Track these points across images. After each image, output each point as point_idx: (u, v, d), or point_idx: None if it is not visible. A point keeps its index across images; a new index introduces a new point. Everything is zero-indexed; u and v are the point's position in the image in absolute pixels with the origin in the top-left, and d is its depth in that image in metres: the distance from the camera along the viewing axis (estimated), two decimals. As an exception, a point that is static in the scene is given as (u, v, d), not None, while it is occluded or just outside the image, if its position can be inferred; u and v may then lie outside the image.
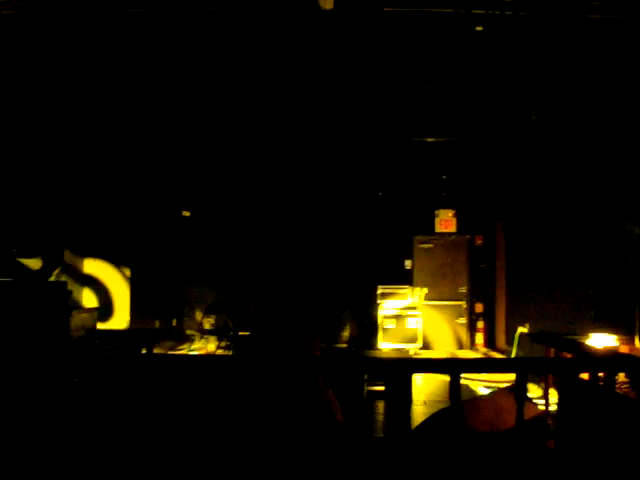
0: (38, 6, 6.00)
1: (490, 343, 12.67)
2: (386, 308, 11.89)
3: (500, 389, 5.40)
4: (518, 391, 4.42)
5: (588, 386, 4.97)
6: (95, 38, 7.10)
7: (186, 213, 12.39)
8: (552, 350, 6.57)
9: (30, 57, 7.64)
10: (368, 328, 12.03)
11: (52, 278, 6.05)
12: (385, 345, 11.73)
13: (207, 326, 11.61)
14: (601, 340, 6.78)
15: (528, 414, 4.52)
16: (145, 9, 5.89)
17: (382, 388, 6.84)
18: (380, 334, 11.79)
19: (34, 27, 6.85)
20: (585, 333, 7.01)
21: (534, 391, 7.83)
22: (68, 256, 9.44)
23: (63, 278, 6.17)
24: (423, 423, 4.97)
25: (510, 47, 7.38)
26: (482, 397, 5.90)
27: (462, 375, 4.33)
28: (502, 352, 11.97)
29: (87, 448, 4.64)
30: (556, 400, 5.58)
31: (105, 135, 9.66)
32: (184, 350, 10.72)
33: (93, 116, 9.05)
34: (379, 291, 12.08)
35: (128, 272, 11.14)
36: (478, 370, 4.98)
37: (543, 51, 7.43)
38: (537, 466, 4.44)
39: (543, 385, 7.04)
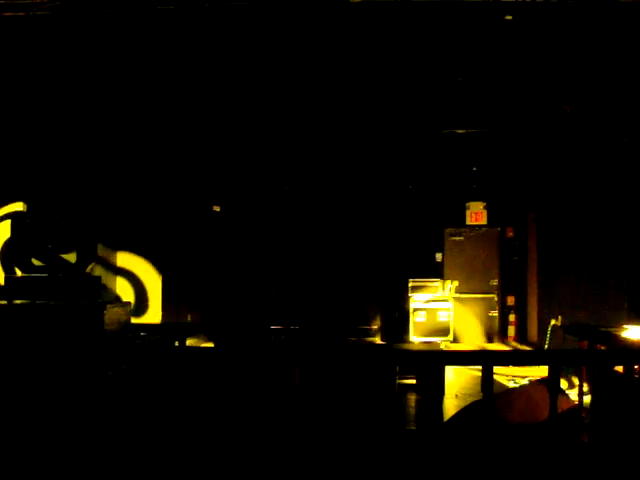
0: (70, 7, 6.09)
1: (522, 336, 12.55)
2: (417, 301, 11.86)
3: (532, 382, 5.36)
4: (552, 383, 4.38)
5: (623, 379, 4.91)
6: (120, 35, 7.19)
7: (217, 208, 12.47)
8: (586, 342, 6.48)
9: (60, 55, 7.76)
10: (399, 321, 12.01)
11: (87, 272, 6.12)
12: (416, 338, 11.70)
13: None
14: (636, 332, 6.68)
15: (562, 407, 4.48)
16: (175, 5, 5.93)
17: (413, 381, 6.83)
18: (411, 327, 11.76)
19: (64, 27, 6.96)
20: (619, 325, 6.90)
21: (566, 384, 7.75)
22: (101, 251, 9.60)
23: (97, 272, 6.24)
24: (456, 415, 4.96)
25: (541, 35, 7.28)
26: (514, 390, 5.86)
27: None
28: (534, 345, 11.85)
29: (121, 438, 4.72)
30: (590, 393, 5.53)
31: (139, 130, 9.77)
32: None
33: (126, 111, 9.16)
34: (410, 284, 12.05)
35: (160, 267, 11.26)
36: (511, 362, 4.95)
37: (575, 39, 7.32)
38: (571, 459, 4.40)
39: (576, 378, 6.96)
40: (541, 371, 6.12)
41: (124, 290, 11.01)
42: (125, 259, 11.03)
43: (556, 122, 9.68)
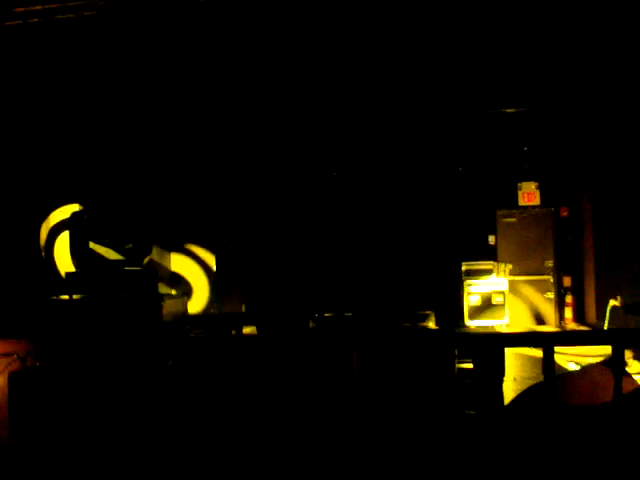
0: (117, 6, 6.19)
1: (579, 318, 12.30)
2: (471, 284, 11.73)
3: (594, 364, 5.25)
4: (615, 363, 4.28)
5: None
6: (166, 31, 7.26)
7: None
8: (649, 322, 6.32)
9: (111, 54, 7.90)
10: (453, 305, 11.90)
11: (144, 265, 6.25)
12: (471, 322, 11.59)
13: (291, 309, 11.75)
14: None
15: (626, 388, 4.38)
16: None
17: (469, 365, 6.77)
18: (465, 311, 11.65)
19: (111, 26, 7.08)
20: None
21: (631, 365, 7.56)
22: (157, 243, 9.79)
23: (154, 258, 6.36)
24: (516, 398, 4.90)
25: (592, 7, 7.07)
26: (575, 372, 5.75)
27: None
28: (592, 327, 11.61)
29: (184, 425, 4.81)
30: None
31: (190, 127, 9.90)
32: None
33: (175, 111, 9.28)
34: (463, 268, 11.92)
35: (214, 258, 11.42)
36: (573, 343, 4.85)
37: (628, 10, 7.09)
38: (637, 439, 4.30)
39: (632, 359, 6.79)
40: (602, 352, 5.98)
41: (181, 282, 11.20)
42: (180, 251, 11.23)
43: (611, 96, 9.40)
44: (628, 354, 7.49)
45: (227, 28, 7.39)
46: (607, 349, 4.40)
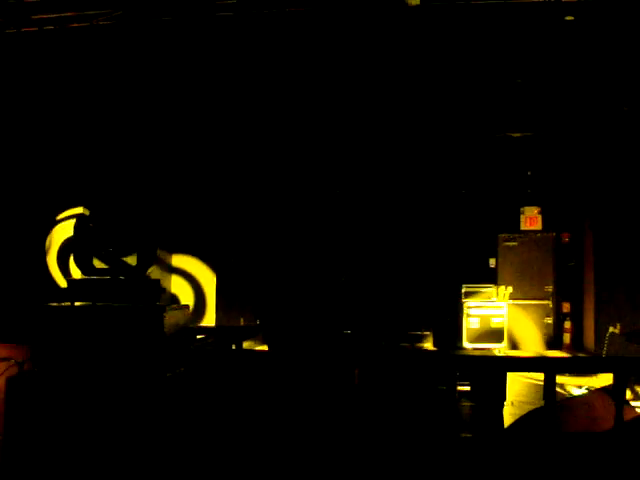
0: (133, 16, 6.24)
1: (577, 344, 12.27)
2: (470, 307, 11.72)
3: (594, 390, 5.24)
4: (616, 391, 4.27)
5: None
6: (180, 41, 7.32)
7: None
8: (649, 350, 6.32)
9: (122, 62, 7.96)
10: (452, 327, 11.88)
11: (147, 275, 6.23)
12: (469, 344, 11.56)
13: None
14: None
15: (626, 416, 4.36)
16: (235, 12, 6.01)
17: (466, 388, 6.74)
18: (464, 333, 11.63)
19: (127, 36, 7.13)
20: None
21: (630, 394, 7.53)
22: (159, 254, 9.78)
23: (154, 275, 6.35)
24: (515, 423, 4.88)
25: (600, 36, 7.13)
26: (575, 398, 5.74)
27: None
28: (590, 353, 11.56)
29: (181, 437, 4.79)
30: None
31: (195, 137, 9.94)
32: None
33: (183, 117, 9.33)
34: (463, 290, 11.92)
35: (214, 271, 11.42)
36: (574, 370, 4.85)
37: (635, 38, 7.15)
38: (637, 469, 4.28)
39: (637, 388, 6.76)
40: (601, 381, 5.97)
41: (181, 293, 11.20)
42: (180, 262, 11.22)
43: (614, 124, 9.46)
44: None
45: (236, 43, 7.45)
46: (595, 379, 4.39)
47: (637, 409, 5.30)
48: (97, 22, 6.35)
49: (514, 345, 12.11)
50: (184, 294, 11.43)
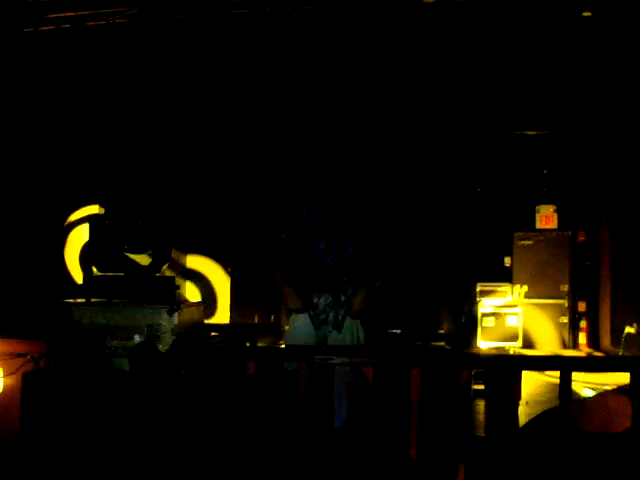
0: (148, 14, 6.27)
1: (594, 343, 12.19)
2: (485, 306, 11.66)
3: (610, 390, 5.19)
4: (634, 391, 4.24)
5: None
6: (196, 40, 7.34)
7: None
8: (666, 350, 6.26)
9: (137, 61, 7.99)
10: (467, 326, 11.83)
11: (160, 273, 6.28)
12: (484, 343, 11.52)
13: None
14: None
15: (643, 417, 4.32)
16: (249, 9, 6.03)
17: (481, 387, 6.72)
18: (479, 332, 11.57)
19: (142, 34, 7.16)
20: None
21: None
22: (173, 252, 9.82)
23: (168, 273, 6.40)
24: (530, 422, 4.84)
25: (619, 32, 7.06)
26: (591, 398, 5.68)
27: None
28: (606, 353, 11.49)
29: (196, 433, 4.81)
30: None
31: (210, 135, 9.97)
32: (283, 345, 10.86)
33: (198, 119, 9.36)
34: (478, 289, 11.87)
35: (229, 269, 11.44)
36: (591, 369, 4.80)
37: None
38: (655, 470, 4.23)
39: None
40: (618, 380, 5.91)
41: (194, 291, 11.23)
42: (195, 262, 11.26)
43: (632, 122, 9.38)
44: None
45: (250, 40, 7.47)
46: (615, 378, 4.35)
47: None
48: (113, 20, 6.39)
49: (529, 344, 12.05)
50: (198, 293, 11.47)
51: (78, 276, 10.28)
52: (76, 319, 5.72)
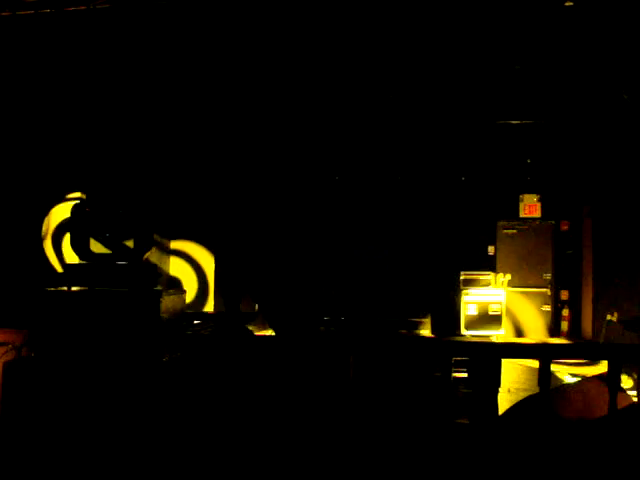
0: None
1: (575, 331, 12.30)
2: (469, 294, 11.73)
3: (589, 377, 5.25)
4: (611, 378, 4.29)
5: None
6: (178, 26, 7.26)
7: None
8: (646, 338, 6.33)
9: (117, 47, 7.90)
10: (450, 314, 11.90)
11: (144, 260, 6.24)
12: (467, 332, 11.59)
13: (289, 310, 11.73)
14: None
15: (621, 403, 4.38)
16: None
17: (463, 374, 6.76)
18: (462, 320, 11.65)
19: (124, 19, 7.08)
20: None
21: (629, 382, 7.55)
22: (157, 239, 9.79)
23: (152, 260, 6.35)
24: (511, 409, 4.89)
25: (600, 22, 7.08)
26: (570, 385, 5.75)
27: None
28: (588, 341, 11.60)
29: (178, 422, 4.81)
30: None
31: (193, 124, 9.91)
32: (268, 333, 10.88)
33: (179, 107, 9.29)
34: (462, 277, 11.93)
35: (213, 256, 11.42)
36: (570, 356, 4.86)
37: (635, 24, 7.10)
38: (632, 456, 4.30)
39: (635, 375, 6.77)
40: (599, 367, 5.98)
41: (178, 279, 11.20)
42: (179, 248, 11.22)
43: (614, 111, 9.42)
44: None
45: (232, 32, 7.41)
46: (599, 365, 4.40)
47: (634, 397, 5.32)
48: (94, 6, 6.30)
49: (512, 332, 12.14)
50: (184, 280, 11.44)
51: (59, 264, 10.23)
52: (57, 307, 5.68)
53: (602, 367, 5.01)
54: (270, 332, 10.81)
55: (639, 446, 4.23)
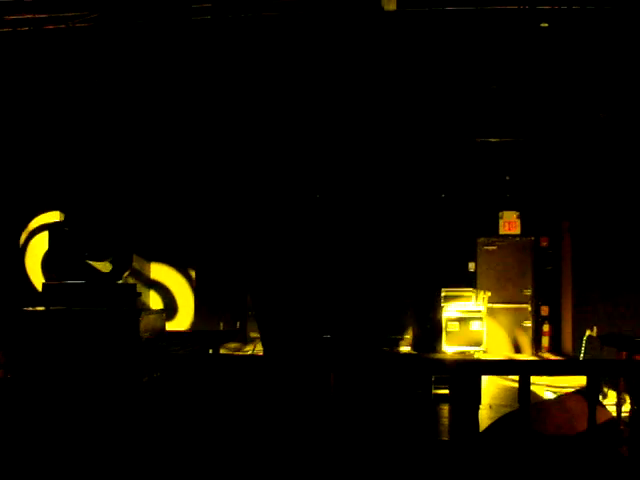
0: (109, 19, 6.20)
1: (556, 347, 12.37)
2: (450, 311, 11.75)
3: (569, 393, 5.27)
4: (590, 394, 4.31)
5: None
6: (156, 46, 7.28)
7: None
8: (624, 353, 6.37)
9: (96, 67, 7.90)
10: (431, 331, 11.91)
11: (121, 281, 6.20)
12: (448, 348, 11.59)
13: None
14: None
15: (599, 418, 4.40)
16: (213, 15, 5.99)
17: (445, 391, 6.75)
18: (444, 337, 11.65)
19: (103, 38, 7.09)
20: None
21: (605, 396, 7.60)
22: (136, 259, 9.73)
23: (131, 280, 6.32)
24: (491, 426, 4.91)
25: (576, 43, 7.21)
26: (550, 401, 5.78)
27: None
28: (568, 356, 11.67)
29: (158, 440, 4.75)
30: (629, 406, 5.41)
31: (171, 143, 9.90)
32: (249, 352, 10.83)
33: (162, 122, 9.28)
34: (443, 294, 11.96)
35: (193, 275, 11.37)
36: (548, 372, 4.87)
37: (610, 46, 7.23)
38: (610, 472, 4.31)
39: (605, 389, 6.81)
40: (579, 382, 5.99)
41: (158, 298, 11.13)
42: (159, 268, 11.16)
43: (591, 129, 9.56)
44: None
45: (213, 46, 7.44)
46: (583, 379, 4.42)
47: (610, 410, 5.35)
48: (73, 24, 6.30)
49: (493, 348, 12.17)
50: (161, 300, 11.38)
51: (39, 284, 10.12)
52: (35, 327, 5.61)
53: (581, 381, 5.02)
54: (251, 350, 10.77)
55: (617, 461, 4.25)
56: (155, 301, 11.13)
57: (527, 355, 12.18)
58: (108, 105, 8.71)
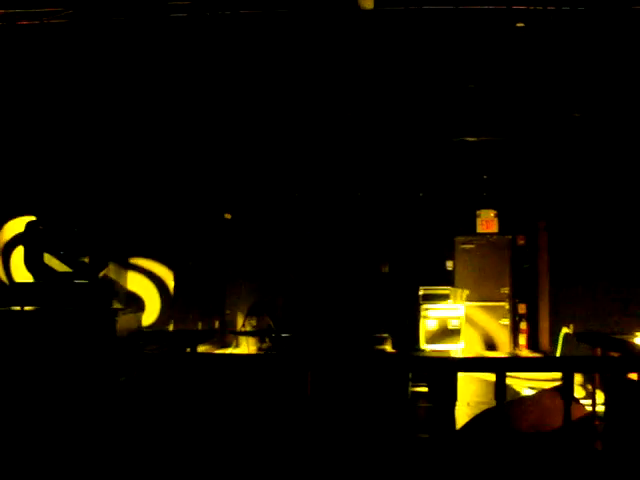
0: (84, 15, 6.14)
1: (533, 344, 12.49)
2: (428, 309, 11.81)
3: (545, 389, 5.32)
4: (565, 390, 4.35)
5: (637, 386, 4.87)
6: (133, 43, 7.22)
7: (227, 216, 12.50)
8: (599, 350, 6.45)
9: (72, 64, 7.81)
10: (409, 329, 11.96)
11: (99, 277, 6.15)
12: (427, 346, 11.65)
13: (249, 327, 11.69)
14: (650, 340, 6.62)
15: (575, 414, 4.44)
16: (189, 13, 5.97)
17: (424, 389, 6.79)
18: (422, 335, 11.71)
19: (78, 35, 7.02)
20: (632, 332, 6.86)
21: (579, 392, 7.68)
22: (113, 258, 9.65)
23: (109, 278, 6.26)
24: (468, 423, 4.93)
25: (552, 43, 7.27)
26: (527, 397, 5.82)
27: (506, 375, 4.28)
28: (545, 353, 11.79)
29: (134, 441, 4.72)
30: (603, 401, 5.48)
31: (150, 139, 9.83)
32: (227, 351, 10.80)
33: (137, 120, 9.21)
34: (421, 292, 12.01)
35: (171, 274, 11.30)
36: (524, 369, 4.92)
37: (585, 46, 7.31)
38: (585, 468, 4.36)
39: (589, 386, 6.89)
40: (556, 378, 6.06)
41: (136, 297, 11.05)
42: (137, 267, 11.08)
43: (567, 129, 9.66)
44: (578, 379, 7.62)
45: (191, 44, 7.41)
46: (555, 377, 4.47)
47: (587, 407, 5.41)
48: (48, 20, 6.24)
49: (472, 346, 12.26)
50: (141, 300, 11.29)
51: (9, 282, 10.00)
52: (9, 327, 5.53)
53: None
54: (229, 350, 10.74)
55: (592, 457, 4.30)
56: (132, 300, 11.04)
57: (505, 353, 12.28)
58: (84, 104, 8.63)
